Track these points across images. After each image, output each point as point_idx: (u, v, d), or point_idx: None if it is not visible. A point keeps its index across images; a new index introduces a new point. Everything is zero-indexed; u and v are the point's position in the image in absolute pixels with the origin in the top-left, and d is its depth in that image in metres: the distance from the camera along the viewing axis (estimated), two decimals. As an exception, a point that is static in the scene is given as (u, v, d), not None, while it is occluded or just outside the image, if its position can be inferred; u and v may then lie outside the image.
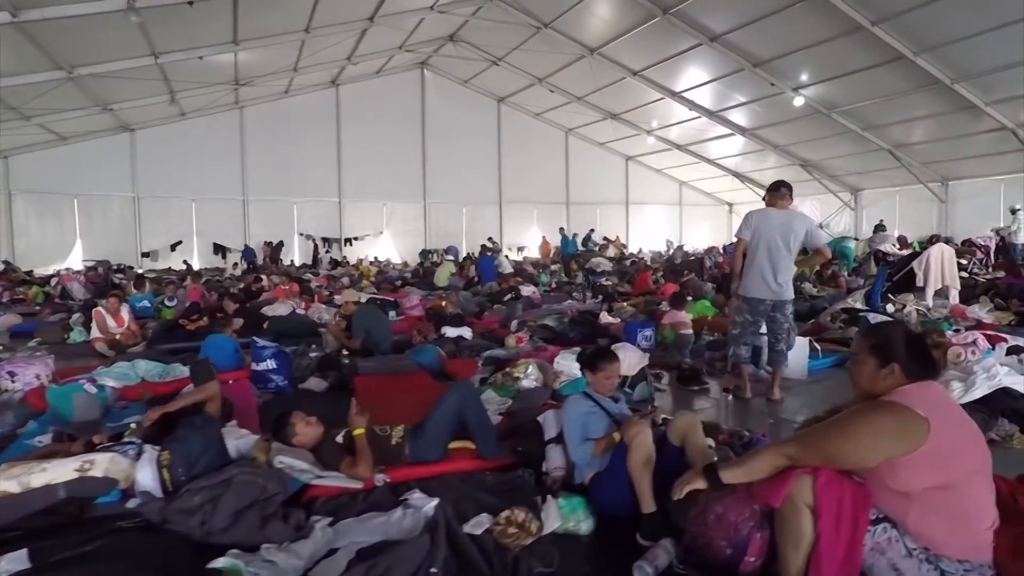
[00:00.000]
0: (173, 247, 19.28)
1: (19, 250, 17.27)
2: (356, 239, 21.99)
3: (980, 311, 6.67)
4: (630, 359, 4.56)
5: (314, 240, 21.20)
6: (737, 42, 15.47)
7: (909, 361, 1.97)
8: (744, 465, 2.07)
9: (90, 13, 10.47)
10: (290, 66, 17.33)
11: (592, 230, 23.63)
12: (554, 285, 12.09)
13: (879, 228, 20.82)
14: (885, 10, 12.37)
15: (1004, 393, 3.42)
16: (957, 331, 5.16)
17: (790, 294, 4.53)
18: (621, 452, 2.60)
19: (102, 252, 18.46)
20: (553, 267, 16.78)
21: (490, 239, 22.59)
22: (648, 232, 27.25)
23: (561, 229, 20.08)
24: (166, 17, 11.67)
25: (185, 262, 18.50)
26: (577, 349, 4.64)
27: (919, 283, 6.94)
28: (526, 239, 25.10)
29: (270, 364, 4.77)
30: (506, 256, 21.11)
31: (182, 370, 5.17)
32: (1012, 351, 4.86)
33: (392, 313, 8.46)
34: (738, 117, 20.01)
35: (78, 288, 10.26)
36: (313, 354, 5.19)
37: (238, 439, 3.10)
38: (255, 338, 5.18)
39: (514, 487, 2.83)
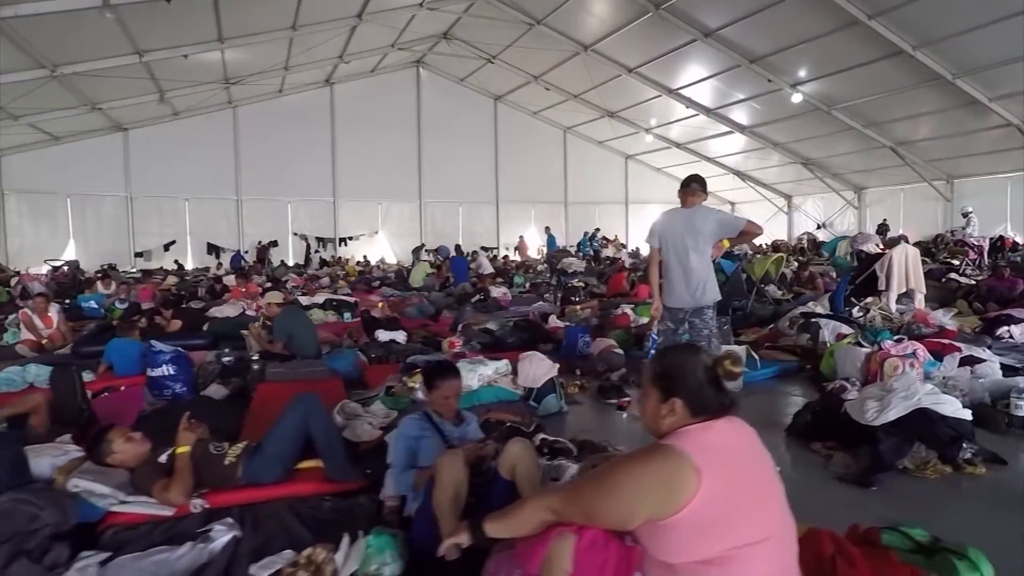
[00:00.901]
0: (167, 247, 19.30)
1: (12, 250, 17.35)
2: (351, 239, 21.89)
3: (944, 316, 6.28)
4: (535, 369, 4.33)
5: (307, 240, 21.13)
6: (732, 38, 15.14)
7: (694, 394, 1.61)
8: (508, 518, 1.75)
9: (65, 10, 10.40)
10: (280, 65, 17.24)
11: (597, 229, 23.23)
12: (528, 286, 11.80)
13: (883, 228, 20.35)
14: (882, 3, 11.98)
15: (922, 415, 3.08)
16: (899, 340, 4.74)
17: (709, 298, 4.23)
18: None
19: (95, 252, 18.47)
20: (540, 267, 16.50)
21: (482, 247, 22.44)
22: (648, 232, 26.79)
23: (547, 228, 19.76)
24: (147, 15, 11.58)
25: (176, 262, 18.52)
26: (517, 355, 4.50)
27: (880, 286, 6.58)
28: (529, 239, 24.79)
29: (167, 370, 4.54)
30: (492, 255, 20.95)
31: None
32: (965, 362, 4.52)
33: (348, 315, 8.26)
34: (737, 115, 19.64)
35: (38, 288, 10.17)
36: (226, 359, 4.97)
37: (57, 456, 2.81)
38: (152, 342, 4.97)
39: (352, 516, 2.54)
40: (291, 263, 20.37)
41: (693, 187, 4.28)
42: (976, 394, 3.93)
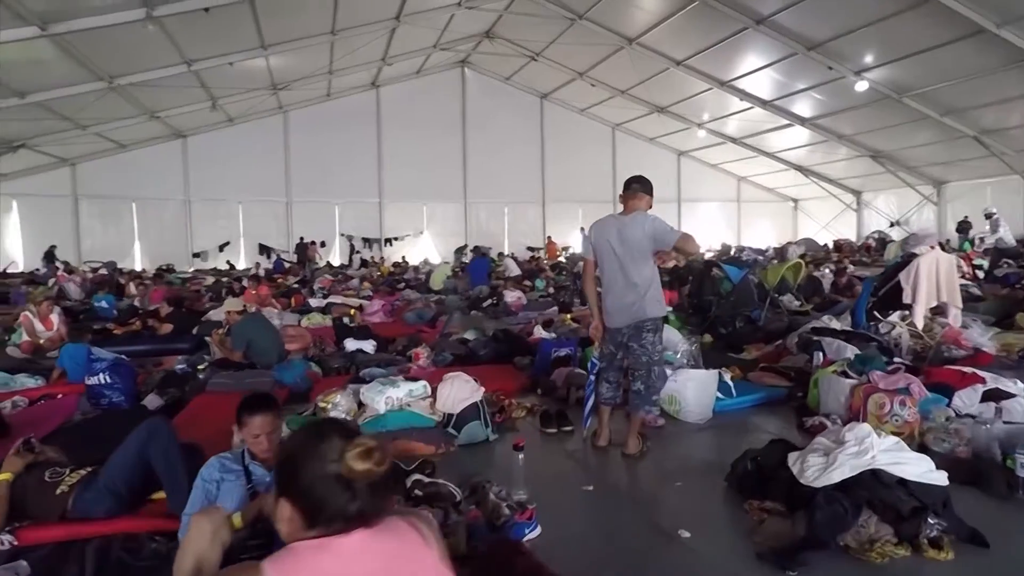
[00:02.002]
0: (221, 248, 20.20)
1: (84, 250, 18.68)
2: (396, 239, 22.14)
3: (982, 336, 5.18)
4: (456, 392, 3.85)
5: (351, 241, 21.55)
6: (787, 24, 14.12)
7: (306, 497, 1.22)
8: None
9: (112, 24, 10.93)
10: (325, 69, 17.60)
11: None
12: (551, 290, 11.32)
13: (964, 226, 18.48)
14: (957, -23, 10.72)
15: (875, 478, 2.46)
16: (894, 370, 3.90)
17: (649, 314, 3.61)
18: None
19: (157, 253, 19.63)
20: (576, 270, 15.95)
21: (528, 248, 22.10)
22: (702, 231, 25.59)
23: (582, 229, 19.13)
24: (190, 26, 12.01)
25: (228, 262, 19.33)
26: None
27: (906, 299, 5.58)
28: (571, 239, 24.25)
29: (103, 378, 4.39)
30: (535, 256, 20.57)
31: (24, 381, 5.04)
32: (989, 396, 3.66)
33: (345, 319, 8.00)
34: (797, 106, 18.41)
35: (74, 289, 10.74)
36: (179, 366, 4.89)
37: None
38: (90, 348, 4.90)
39: (168, 559, 2.12)
40: (336, 263, 20.83)
41: (633, 189, 3.72)
42: (980, 443, 3.17)
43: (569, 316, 7.76)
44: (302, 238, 19.81)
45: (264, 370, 5.10)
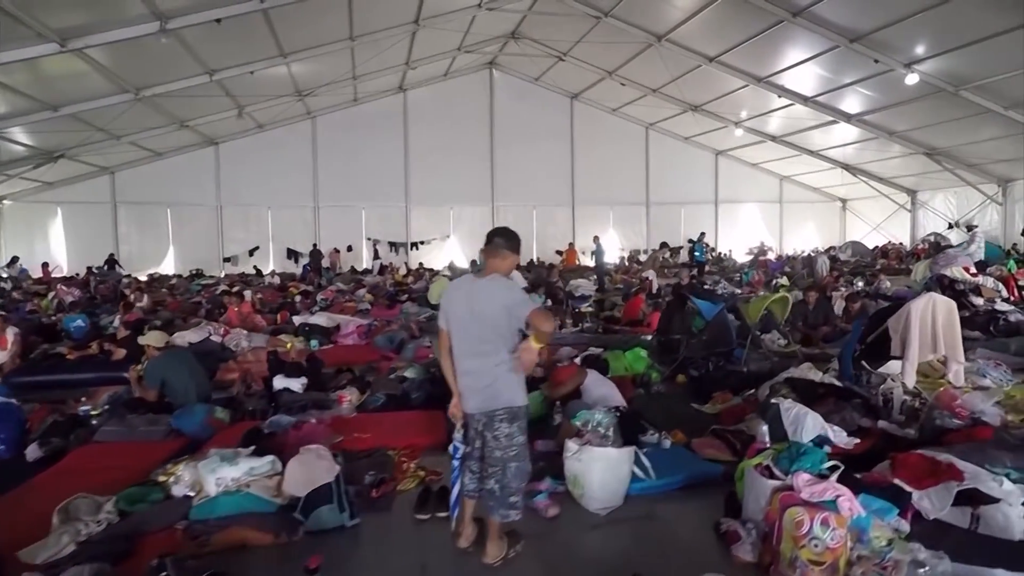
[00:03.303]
0: (251, 252, 20.53)
1: (122, 256, 19.29)
2: (422, 243, 22.01)
3: (984, 402, 4.07)
4: (307, 470, 3.32)
5: (375, 245, 21.54)
6: (826, 15, 13.18)
7: None
8: None
9: (127, 39, 11.12)
10: (348, 74, 17.58)
11: (703, 234, 20.80)
12: (549, 304, 10.64)
13: (1031, 229, 16.94)
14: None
15: None
16: (823, 474, 2.94)
17: (504, 403, 2.97)
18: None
19: (191, 258, 20.12)
20: (590, 279, 15.35)
21: (557, 252, 21.46)
22: (741, 233, 24.53)
23: (596, 238, 18.34)
24: (207, 38, 12.15)
25: (256, 267, 19.59)
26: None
27: (894, 351, 4.67)
28: (602, 243, 23.53)
29: None
30: (540, 264, 20.02)
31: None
32: (964, 499, 2.90)
33: (314, 343, 7.65)
34: (842, 102, 17.20)
35: (71, 299, 10.79)
36: (83, 408, 4.52)
37: None
38: None
39: None
40: (360, 268, 20.87)
41: (494, 245, 3.07)
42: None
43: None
44: (315, 245, 19.90)
45: (163, 415, 4.70)
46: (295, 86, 17.33)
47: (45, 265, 18.20)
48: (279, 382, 5.58)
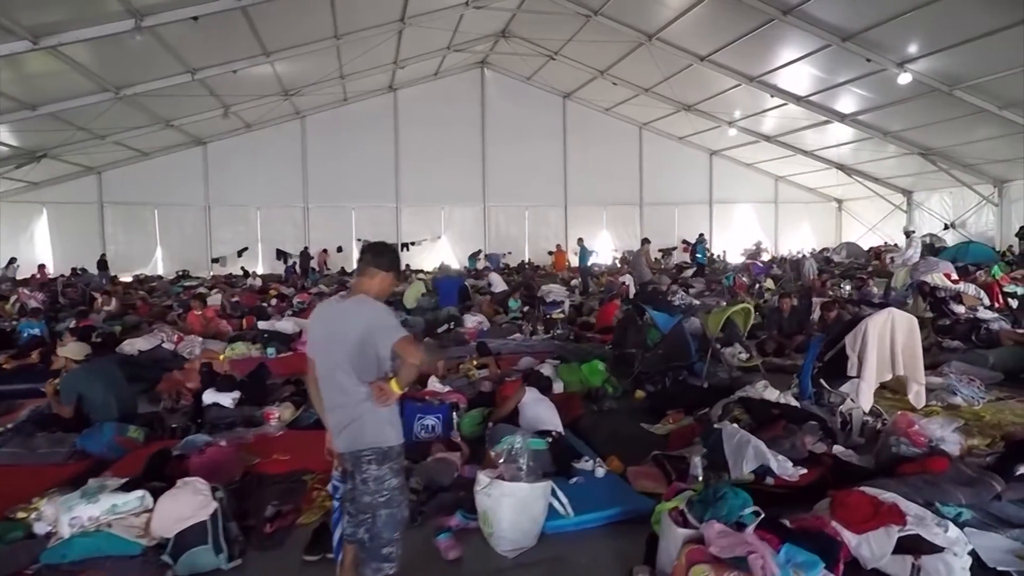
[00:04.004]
0: (240, 253, 20.32)
1: (109, 258, 19.00)
2: (413, 244, 21.80)
3: (944, 428, 3.71)
4: (179, 508, 2.97)
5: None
6: (817, 13, 12.99)
7: None
8: None
9: (101, 36, 10.93)
10: (335, 73, 17.37)
11: (702, 235, 20.45)
12: (526, 310, 10.34)
13: (1027, 232, 16.70)
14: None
15: None
16: (742, 523, 2.64)
17: (366, 441, 2.64)
18: None
19: (178, 259, 19.94)
20: (573, 283, 15.11)
21: (550, 253, 21.15)
22: (736, 234, 24.27)
23: (580, 240, 18.03)
24: (187, 36, 11.95)
25: (243, 268, 19.40)
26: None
27: (851, 371, 4.37)
28: (595, 243, 23.33)
29: None
30: (529, 267, 19.79)
31: None
32: (906, 547, 2.60)
33: (270, 350, 7.34)
34: (835, 101, 16.97)
35: (34, 304, 10.54)
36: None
37: None
38: None
39: None
40: (351, 269, 20.66)
41: (364, 263, 2.79)
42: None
43: (475, 361, 6.43)
44: (306, 247, 19.72)
45: (72, 435, 4.40)
46: (281, 85, 17.13)
47: (42, 267, 18.09)
48: (209, 396, 5.28)
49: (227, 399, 5.24)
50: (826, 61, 14.65)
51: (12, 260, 17.44)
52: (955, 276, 8.27)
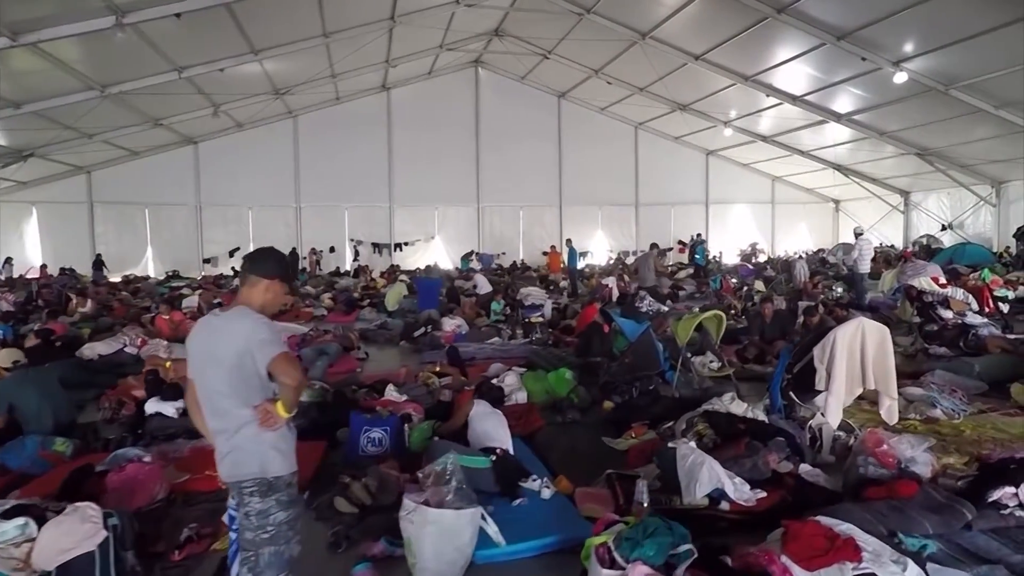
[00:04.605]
0: (231, 253, 20.12)
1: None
2: (406, 244, 21.64)
3: (915, 447, 3.41)
4: (63, 536, 2.70)
5: (356, 247, 21.16)
6: (812, 12, 12.82)
7: None
8: None
9: (82, 33, 10.80)
10: (326, 72, 17.21)
11: (699, 235, 20.22)
12: (508, 314, 10.13)
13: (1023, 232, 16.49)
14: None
15: None
16: (671, 563, 2.42)
17: (253, 470, 2.36)
18: None
19: (169, 259, 19.80)
20: (562, 284, 14.92)
21: (544, 253, 20.92)
22: (733, 234, 24.06)
23: (568, 240, 17.83)
24: (172, 33, 11.78)
25: (233, 268, 19.21)
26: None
27: (818, 384, 4.07)
28: (590, 244, 23.22)
29: None
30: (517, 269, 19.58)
31: None
32: None
33: None
34: (831, 101, 16.78)
35: (5, 306, 10.47)
36: None
37: None
38: None
39: None
40: (343, 270, 20.53)
41: (243, 270, 2.54)
42: None
43: (437, 368, 6.18)
44: (294, 248, 19.56)
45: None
46: (271, 84, 16.98)
47: (44, 267, 17.96)
48: (152, 406, 5.03)
49: (171, 408, 4.97)
50: (821, 60, 14.49)
51: (8, 259, 17.32)
52: (943, 280, 8.05)
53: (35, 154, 16.05)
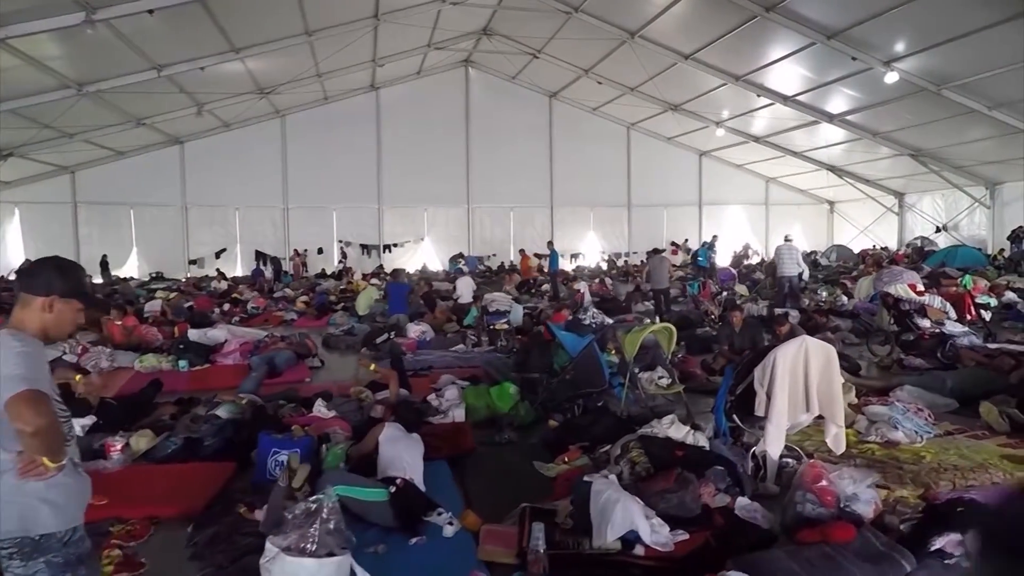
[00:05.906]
0: (218, 254, 19.95)
1: (83, 258, 18.64)
2: (395, 246, 21.41)
3: (858, 483, 3.12)
4: None
5: (343, 248, 20.94)
6: (801, 10, 12.65)
7: None
8: None
9: (51, 29, 10.61)
10: (311, 71, 16.98)
11: (715, 237, 19.67)
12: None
13: (1018, 234, 16.18)
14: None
15: None
16: None
17: (11, 528, 1.91)
18: None
19: (155, 260, 19.59)
20: (544, 287, 14.67)
21: (536, 255, 20.65)
22: (726, 235, 23.70)
23: (550, 243, 17.49)
24: (148, 31, 11.56)
25: (218, 270, 19.00)
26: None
27: (758, 409, 3.70)
28: (581, 245, 22.98)
29: None
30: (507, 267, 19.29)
31: None
32: None
33: (183, 363, 6.84)
34: (823, 101, 16.53)
35: None
36: None
37: None
38: None
39: None
40: (331, 271, 20.29)
41: (17, 286, 2.16)
42: None
43: (364, 361, 6.09)
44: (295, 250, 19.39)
45: None
46: (256, 83, 16.75)
47: None
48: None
49: (77, 426, 4.43)
50: (812, 60, 14.30)
51: None
52: (920, 287, 7.78)
53: (14, 154, 15.85)
